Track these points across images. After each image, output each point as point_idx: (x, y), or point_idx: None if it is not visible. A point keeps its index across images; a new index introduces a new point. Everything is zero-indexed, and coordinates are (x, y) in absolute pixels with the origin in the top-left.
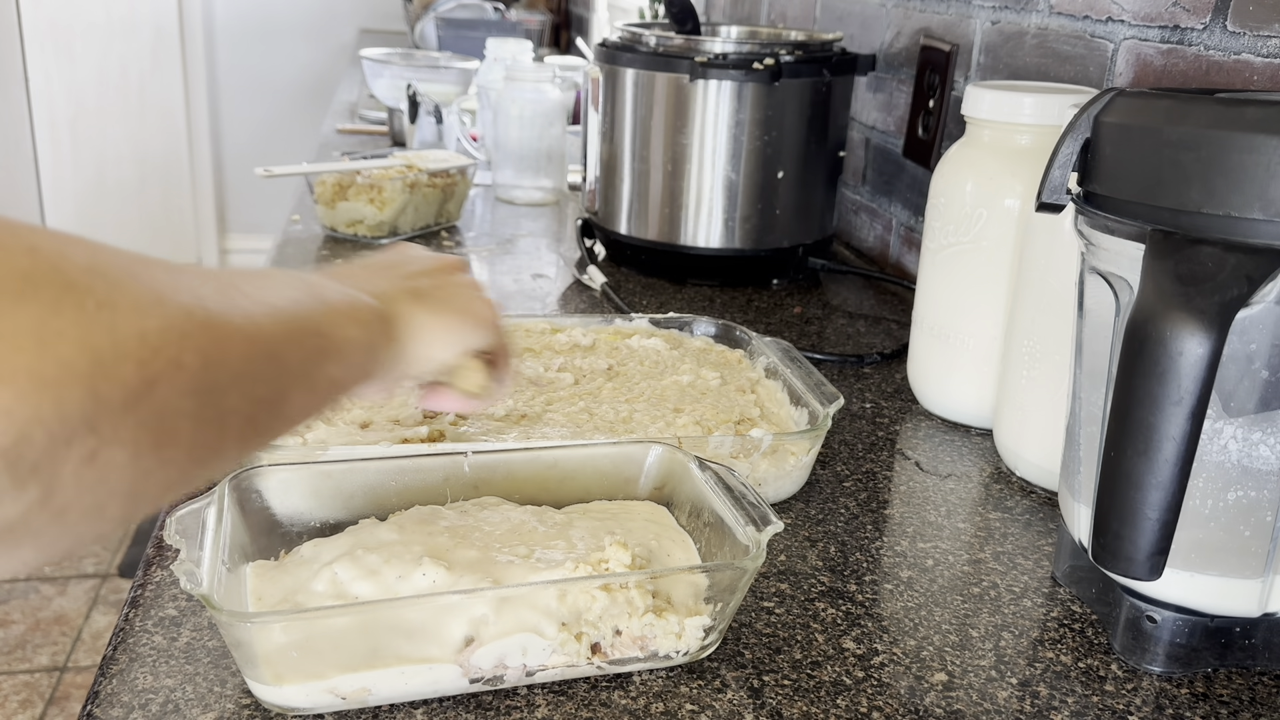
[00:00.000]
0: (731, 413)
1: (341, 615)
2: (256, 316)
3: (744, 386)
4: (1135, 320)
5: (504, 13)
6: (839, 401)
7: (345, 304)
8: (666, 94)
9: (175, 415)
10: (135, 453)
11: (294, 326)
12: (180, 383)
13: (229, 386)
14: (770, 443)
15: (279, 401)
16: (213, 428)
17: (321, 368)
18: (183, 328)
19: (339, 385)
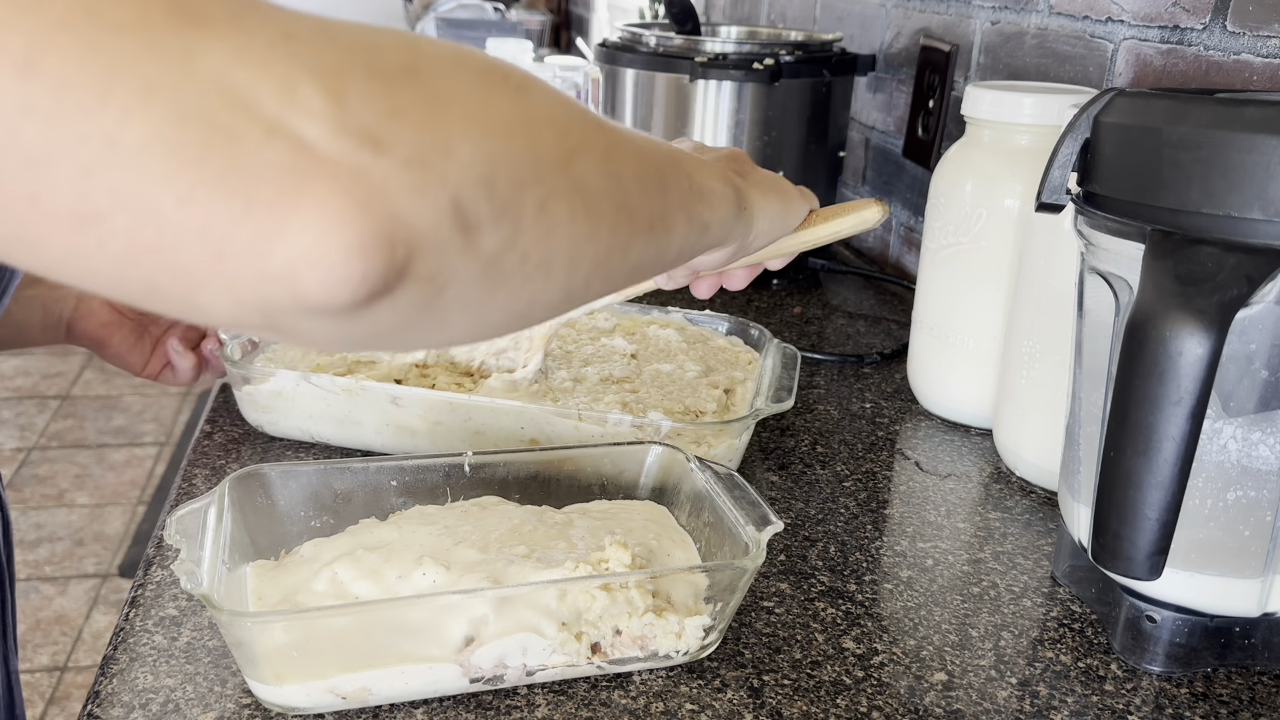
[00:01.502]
0: (684, 402)
1: (342, 615)
2: (638, 139)
3: (719, 383)
4: (1135, 320)
5: (504, 13)
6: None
7: (702, 162)
8: (666, 94)
9: (595, 189)
10: (571, 214)
11: (669, 159)
12: (593, 161)
13: (629, 183)
14: (669, 429)
15: (668, 219)
16: (624, 215)
17: (695, 205)
18: (585, 120)
19: (708, 230)
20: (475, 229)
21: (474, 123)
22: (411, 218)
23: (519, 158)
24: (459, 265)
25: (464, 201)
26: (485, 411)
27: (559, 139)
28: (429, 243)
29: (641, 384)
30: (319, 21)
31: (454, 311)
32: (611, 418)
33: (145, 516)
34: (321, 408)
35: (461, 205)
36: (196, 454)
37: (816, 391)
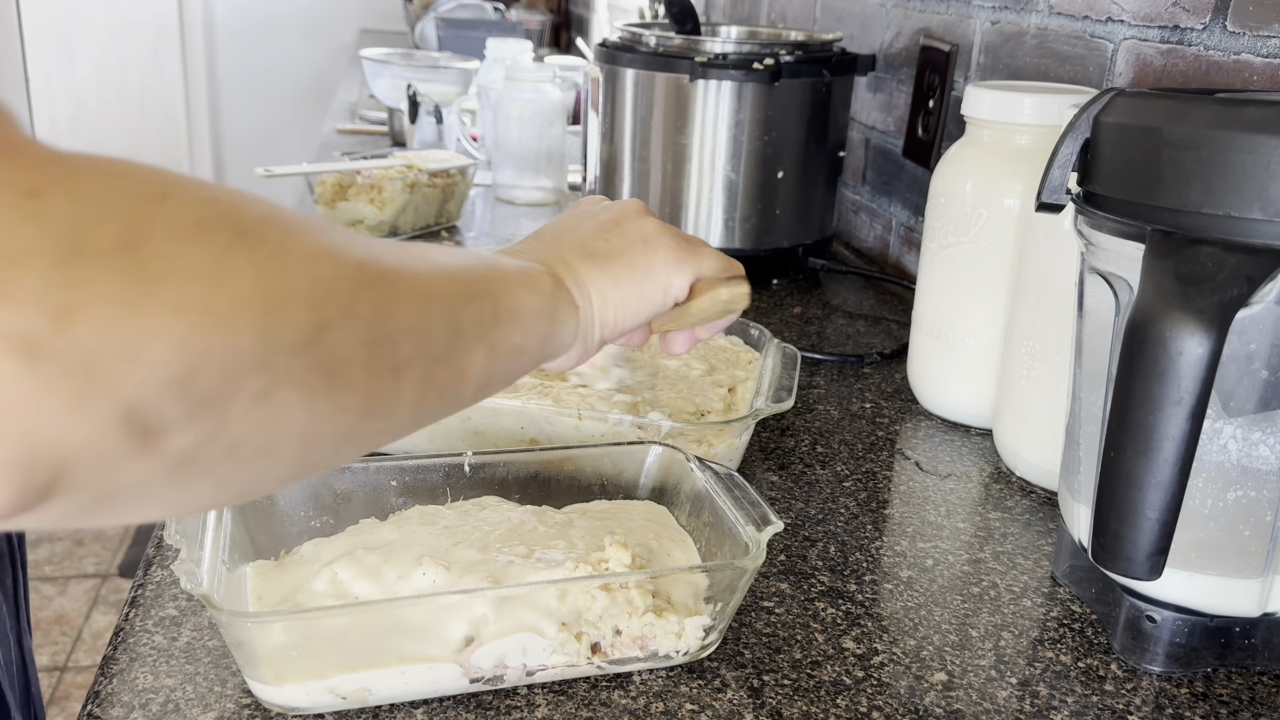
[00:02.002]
0: (692, 402)
1: (342, 615)
2: (430, 275)
3: (723, 382)
4: (1135, 320)
5: (504, 13)
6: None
7: (519, 273)
8: (666, 94)
9: (347, 361)
10: (308, 395)
11: (468, 289)
12: (352, 330)
13: (402, 338)
14: (670, 429)
15: (457, 360)
16: (387, 378)
17: (500, 331)
18: (356, 277)
19: (523, 353)
20: (157, 434)
21: (184, 312)
22: (61, 436)
23: (238, 347)
24: (130, 471)
25: (143, 408)
26: (485, 411)
27: (309, 312)
28: (83, 459)
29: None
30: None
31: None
32: (612, 417)
33: None
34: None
35: (138, 412)
36: None
37: (816, 391)
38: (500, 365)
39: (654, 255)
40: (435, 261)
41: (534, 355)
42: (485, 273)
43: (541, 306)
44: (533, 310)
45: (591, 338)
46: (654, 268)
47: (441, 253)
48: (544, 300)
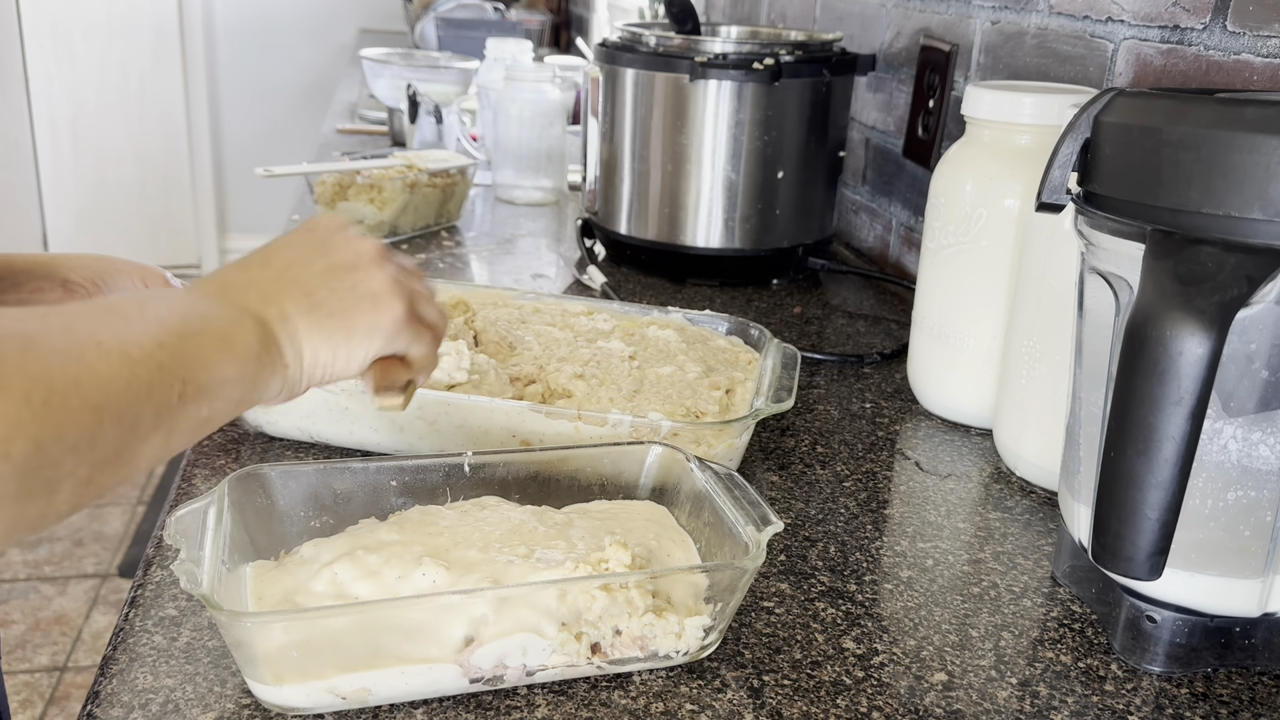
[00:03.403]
0: (686, 404)
1: (341, 615)
2: (106, 376)
3: (720, 384)
4: (1135, 320)
5: (504, 13)
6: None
7: (220, 338)
8: (666, 94)
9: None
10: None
11: (155, 376)
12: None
13: (64, 456)
14: (669, 429)
15: (126, 455)
16: (39, 499)
17: (186, 411)
18: (16, 417)
19: (211, 422)
20: None
21: None
22: None
23: None
24: None
25: None
26: (483, 412)
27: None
28: None
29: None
30: None
31: None
32: (611, 417)
33: (145, 516)
34: (319, 405)
35: None
36: (196, 454)
37: (816, 391)
38: (179, 440)
39: (377, 319)
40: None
41: (226, 418)
42: (178, 348)
43: (241, 374)
44: (230, 380)
45: (299, 389)
46: (373, 334)
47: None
48: (244, 367)
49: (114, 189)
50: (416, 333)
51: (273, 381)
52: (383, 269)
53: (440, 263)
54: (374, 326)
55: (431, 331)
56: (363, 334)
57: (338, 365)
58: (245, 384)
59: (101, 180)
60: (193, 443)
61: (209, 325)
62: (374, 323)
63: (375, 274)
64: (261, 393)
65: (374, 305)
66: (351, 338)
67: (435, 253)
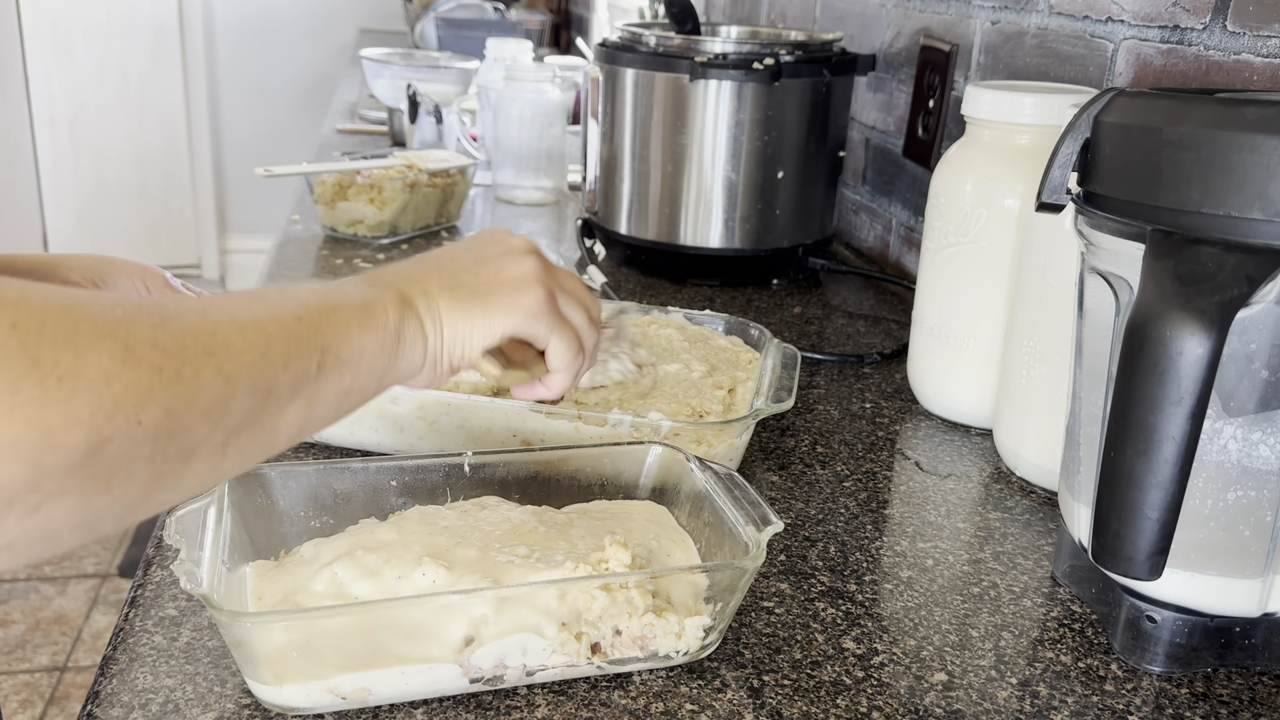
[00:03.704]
0: (691, 403)
1: (341, 615)
2: (242, 349)
3: (723, 383)
4: (1135, 320)
5: (504, 13)
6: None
7: (359, 310)
8: (666, 94)
9: (129, 461)
10: (83, 498)
11: (290, 348)
12: (136, 435)
13: (197, 423)
14: (669, 429)
15: (265, 421)
16: (174, 462)
17: (325, 381)
18: (148, 386)
19: (355, 392)
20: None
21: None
22: None
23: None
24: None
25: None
26: (483, 411)
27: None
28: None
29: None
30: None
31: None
32: (611, 417)
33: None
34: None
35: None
36: None
37: (816, 391)
38: (324, 410)
39: (517, 299)
40: (258, 323)
41: (370, 391)
42: (316, 321)
43: (381, 344)
44: (370, 350)
45: (441, 365)
46: (510, 311)
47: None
48: (384, 337)
49: (114, 189)
50: (558, 323)
51: (413, 353)
52: (530, 259)
53: None
54: (512, 305)
55: (573, 330)
56: (501, 310)
57: (475, 339)
58: (386, 354)
59: (101, 180)
60: (339, 416)
61: (348, 300)
62: (513, 302)
63: (522, 261)
64: (404, 364)
65: (515, 287)
66: (490, 312)
67: None
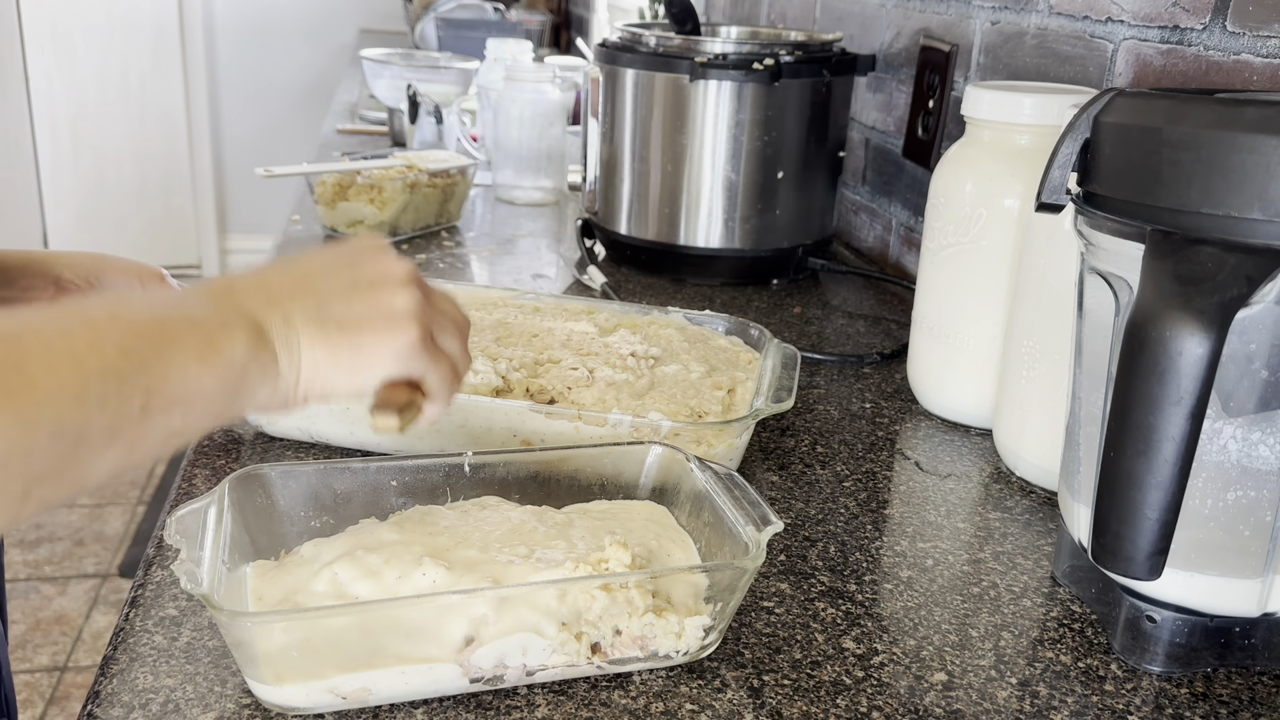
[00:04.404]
0: (690, 403)
1: (342, 615)
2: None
3: (722, 384)
4: (1135, 320)
5: (504, 13)
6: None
7: (199, 345)
8: (666, 94)
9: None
10: None
11: (105, 388)
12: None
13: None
14: (669, 429)
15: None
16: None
17: (149, 424)
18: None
19: (184, 433)
20: None
21: None
22: None
23: None
24: None
25: None
26: (483, 411)
27: None
28: None
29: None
30: None
31: None
32: (611, 417)
33: (145, 516)
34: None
35: None
36: (196, 454)
37: (816, 391)
38: (145, 452)
39: (389, 340)
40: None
41: (203, 429)
42: (146, 356)
43: (221, 383)
44: (207, 390)
45: (293, 400)
46: (381, 355)
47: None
48: (225, 375)
49: (114, 189)
50: (432, 361)
51: (259, 390)
52: (407, 291)
53: (440, 263)
54: (383, 346)
55: (449, 362)
56: (370, 353)
57: (339, 381)
58: (227, 394)
59: (101, 180)
60: (165, 453)
61: (192, 331)
62: (384, 342)
63: (398, 294)
64: (246, 402)
65: (388, 325)
66: (358, 355)
67: (435, 253)
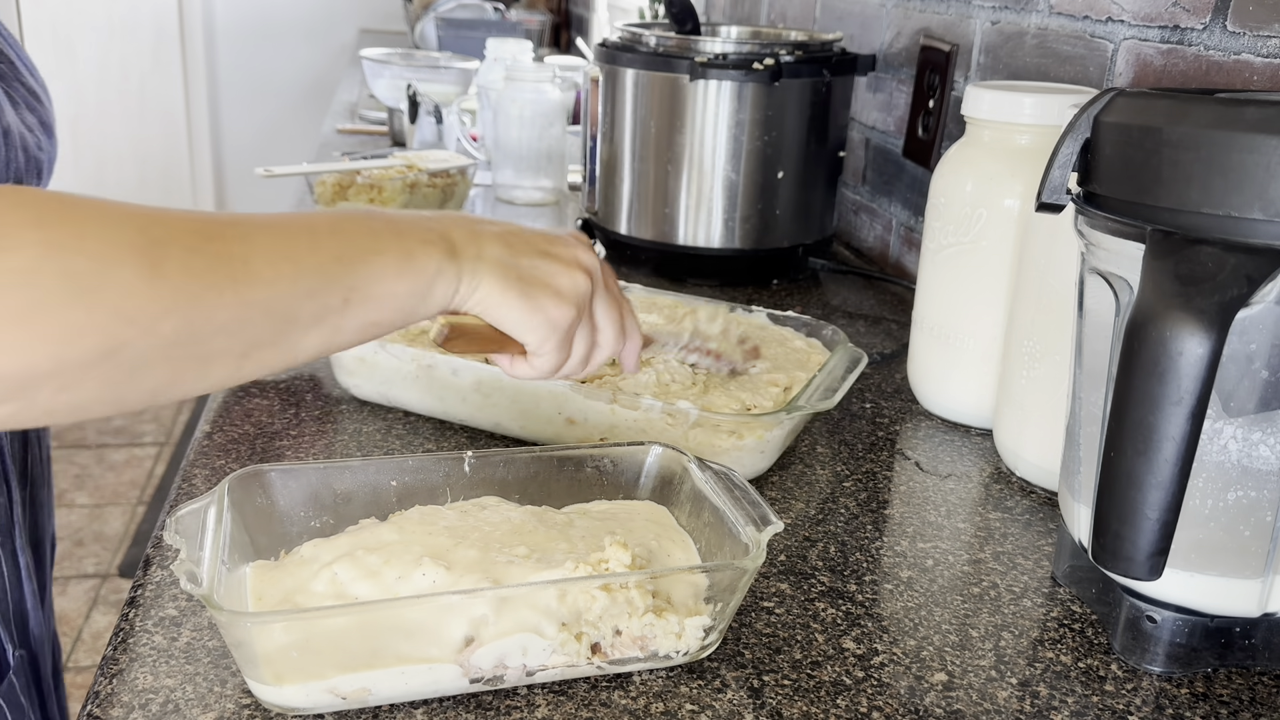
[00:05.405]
0: (740, 398)
1: (342, 615)
2: (268, 278)
3: (779, 381)
4: (1135, 320)
5: (504, 13)
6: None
7: (400, 259)
8: (666, 94)
9: (147, 362)
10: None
11: (317, 283)
12: (153, 343)
13: (214, 337)
14: (696, 417)
15: (286, 343)
16: (193, 364)
17: (350, 315)
18: (169, 303)
19: (379, 325)
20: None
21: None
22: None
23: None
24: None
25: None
26: (529, 390)
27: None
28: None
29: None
30: None
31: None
32: (644, 402)
33: (145, 516)
34: (395, 372)
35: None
36: (196, 454)
37: None
38: (345, 339)
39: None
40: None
41: (395, 325)
42: (354, 262)
43: (413, 289)
44: (401, 294)
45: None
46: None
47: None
48: (417, 283)
49: (114, 189)
50: (561, 344)
51: (440, 297)
52: (587, 280)
53: None
54: (540, 309)
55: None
56: (530, 308)
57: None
58: (416, 298)
59: (101, 180)
60: (361, 342)
61: (397, 243)
62: (546, 305)
63: (577, 277)
64: (429, 306)
65: (555, 295)
66: (522, 302)
67: None
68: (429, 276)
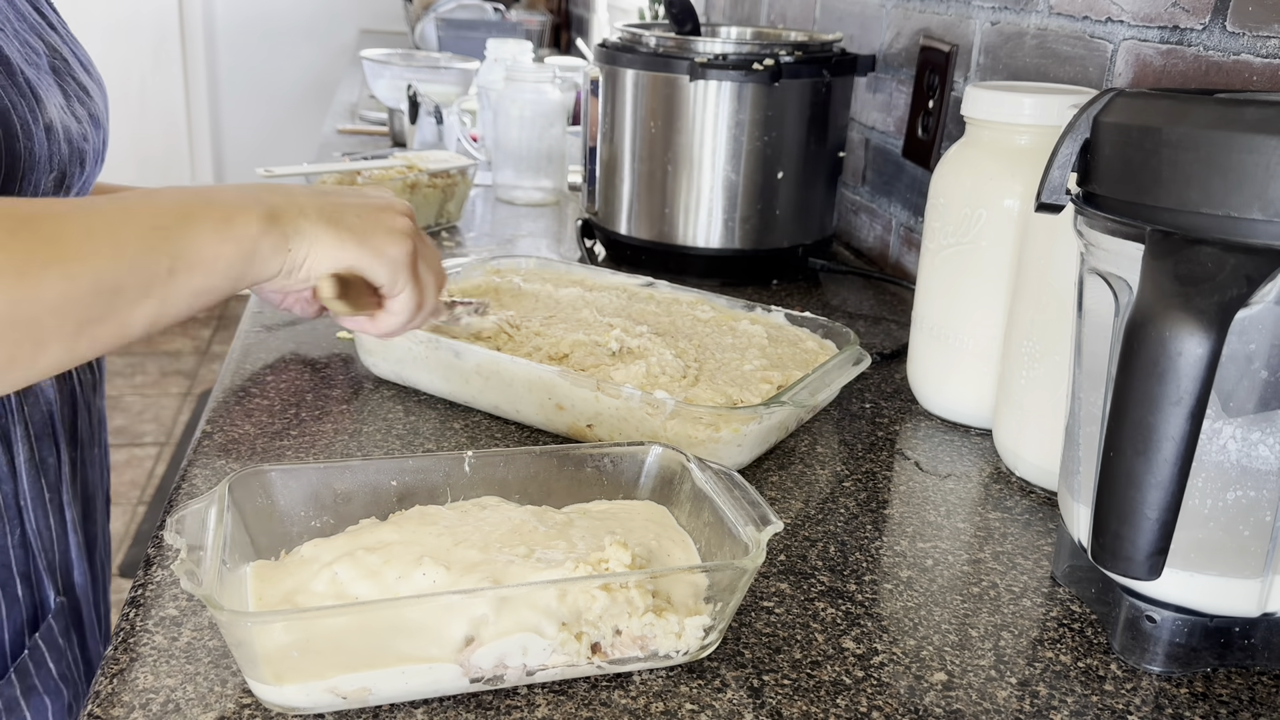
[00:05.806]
0: (728, 392)
1: (342, 615)
2: (86, 252)
3: (772, 378)
4: (1135, 320)
5: (504, 13)
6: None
7: (219, 222)
8: (666, 94)
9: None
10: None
11: (140, 252)
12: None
13: (44, 315)
14: (673, 408)
15: (116, 317)
16: (27, 346)
17: (176, 283)
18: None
19: (209, 292)
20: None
21: None
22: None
23: None
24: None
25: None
26: (524, 376)
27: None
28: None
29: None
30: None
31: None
32: (624, 390)
33: (145, 516)
34: (407, 353)
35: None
36: (196, 454)
37: None
38: (176, 309)
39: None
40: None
41: (225, 290)
42: (172, 229)
43: (238, 251)
44: (225, 256)
45: (295, 276)
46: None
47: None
48: (241, 245)
49: None
50: (410, 279)
51: (271, 262)
52: (406, 220)
53: None
54: (382, 249)
55: (421, 289)
56: (371, 249)
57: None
58: (243, 262)
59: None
60: (194, 311)
61: (210, 210)
62: (383, 247)
63: (398, 219)
64: (261, 270)
65: (390, 235)
66: (361, 247)
67: None
68: (251, 238)
